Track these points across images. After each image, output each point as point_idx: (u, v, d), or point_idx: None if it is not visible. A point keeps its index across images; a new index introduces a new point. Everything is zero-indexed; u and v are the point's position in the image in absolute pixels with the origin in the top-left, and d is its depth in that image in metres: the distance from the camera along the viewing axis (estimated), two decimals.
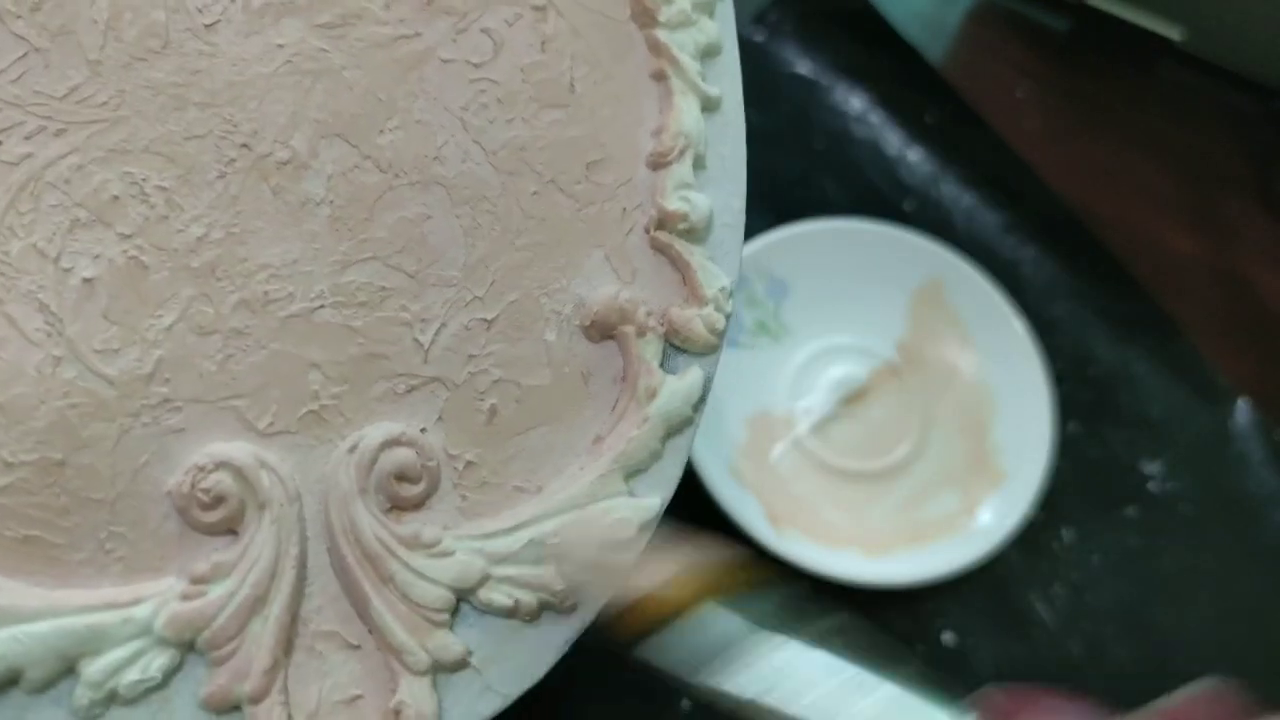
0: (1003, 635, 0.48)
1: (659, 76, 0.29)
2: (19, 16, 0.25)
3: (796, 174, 0.57)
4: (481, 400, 0.26)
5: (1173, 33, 0.57)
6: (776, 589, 0.27)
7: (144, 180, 0.25)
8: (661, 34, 0.29)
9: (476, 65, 0.28)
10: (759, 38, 0.60)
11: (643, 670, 0.26)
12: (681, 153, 0.28)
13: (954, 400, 0.52)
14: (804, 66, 0.59)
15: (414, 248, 0.26)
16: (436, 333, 0.26)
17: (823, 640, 0.26)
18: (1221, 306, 0.55)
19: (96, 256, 0.25)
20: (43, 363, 0.24)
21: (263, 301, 0.25)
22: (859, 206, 0.55)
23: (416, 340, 0.26)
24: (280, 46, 0.27)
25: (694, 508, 0.46)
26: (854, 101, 0.59)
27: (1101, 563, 0.50)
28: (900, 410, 0.52)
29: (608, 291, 0.27)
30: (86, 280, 0.25)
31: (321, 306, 0.26)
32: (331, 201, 0.26)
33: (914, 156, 0.58)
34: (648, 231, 0.28)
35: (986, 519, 0.48)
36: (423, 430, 0.26)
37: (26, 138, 0.25)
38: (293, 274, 0.26)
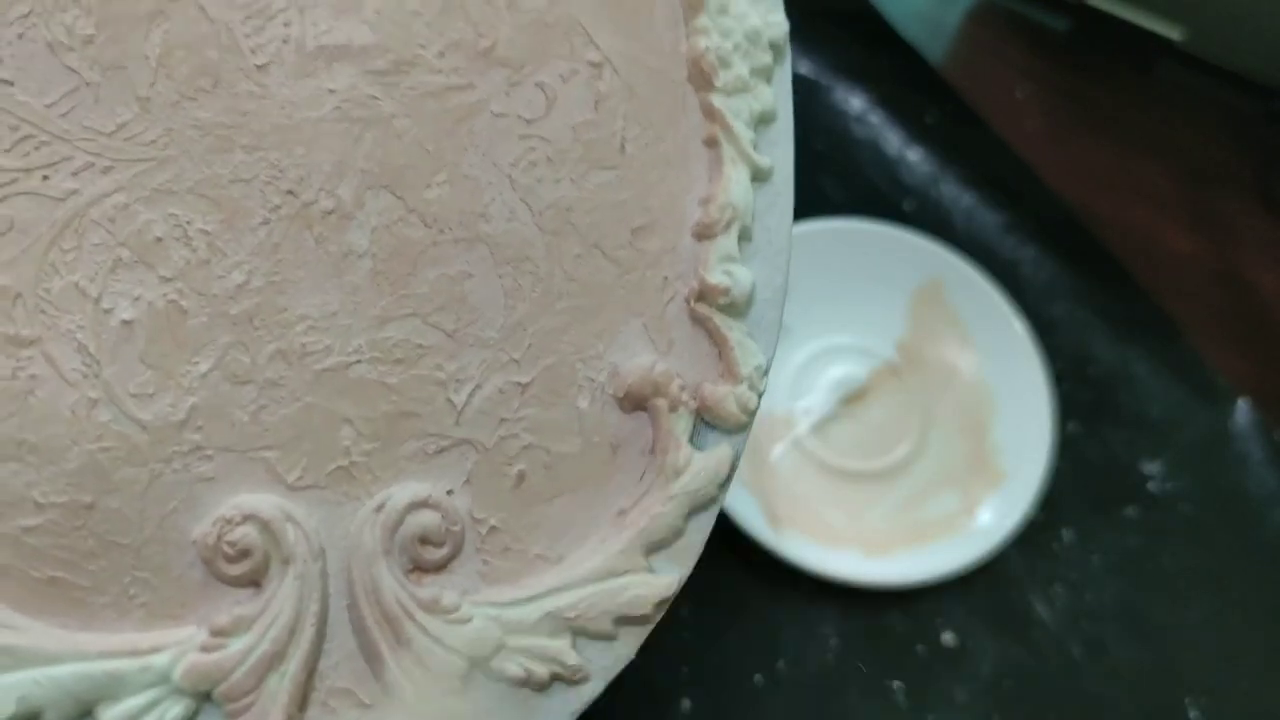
0: (1003, 635, 0.48)
1: (711, 143, 0.29)
2: (71, 49, 0.25)
3: (796, 174, 0.57)
4: (510, 465, 0.26)
5: (1173, 33, 0.57)
6: None
7: (188, 223, 0.25)
8: (717, 99, 0.28)
9: (528, 121, 0.27)
10: None
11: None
12: (728, 225, 0.28)
13: (954, 400, 0.52)
14: (804, 66, 0.60)
15: (454, 306, 0.26)
16: (471, 394, 0.26)
17: None
18: (1221, 306, 0.55)
19: (137, 298, 0.24)
20: (78, 404, 0.24)
21: (299, 353, 0.25)
22: (859, 206, 0.55)
23: (450, 400, 0.26)
24: (331, 91, 0.26)
25: None
26: (854, 101, 0.59)
27: (1101, 563, 0.50)
28: (900, 410, 0.52)
29: (643, 363, 0.27)
30: (125, 322, 0.24)
31: (358, 361, 0.25)
32: (374, 254, 0.26)
33: (914, 156, 0.58)
34: (688, 302, 0.28)
35: (986, 519, 0.48)
36: (449, 492, 0.25)
37: (74, 174, 0.24)
38: (331, 326, 0.25)
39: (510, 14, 0.28)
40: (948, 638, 0.48)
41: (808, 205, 0.55)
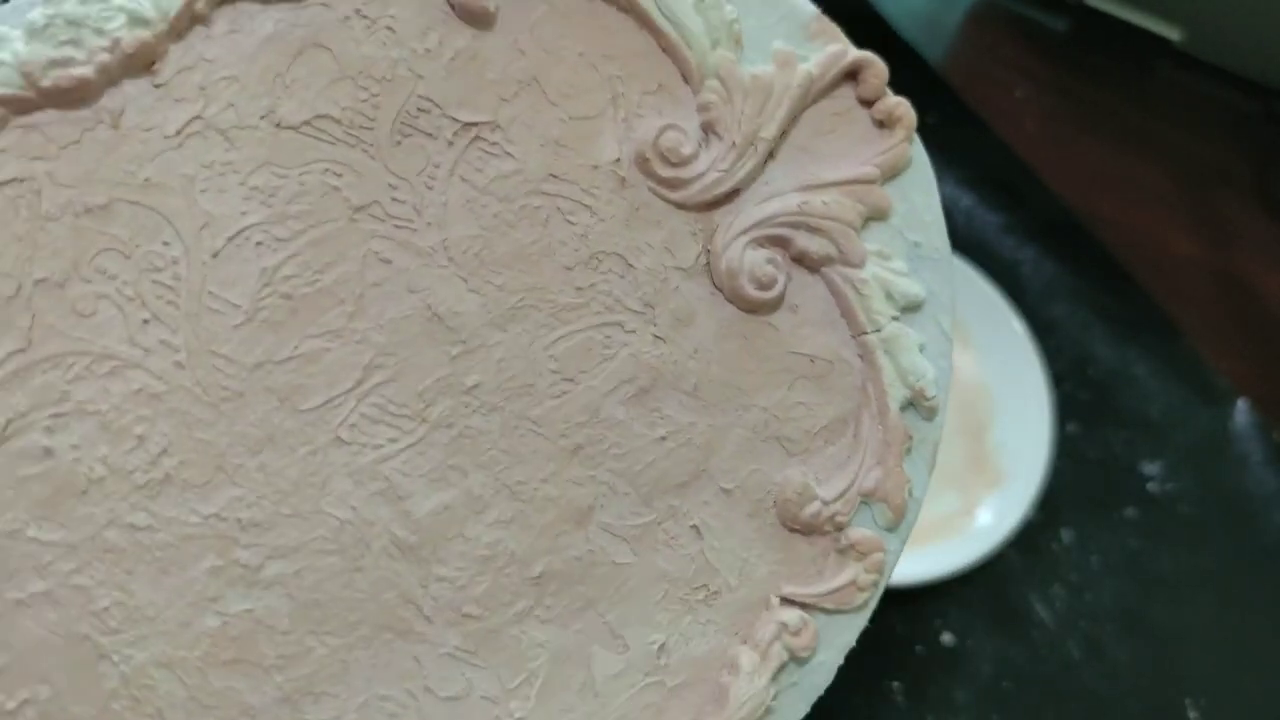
0: (1002, 635, 0.48)
1: None
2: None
3: None
4: None
5: (1172, 33, 0.57)
6: None
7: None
8: None
9: None
10: None
11: None
12: None
13: (954, 400, 0.52)
14: None
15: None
16: None
17: None
18: (1221, 306, 0.55)
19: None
20: None
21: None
22: None
23: None
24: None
25: None
26: None
27: (1101, 563, 0.50)
28: None
29: None
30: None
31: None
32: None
33: None
34: None
35: (986, 519, 0.48)
36: None
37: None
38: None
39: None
40: (947, 638, 0.48)
41: None
